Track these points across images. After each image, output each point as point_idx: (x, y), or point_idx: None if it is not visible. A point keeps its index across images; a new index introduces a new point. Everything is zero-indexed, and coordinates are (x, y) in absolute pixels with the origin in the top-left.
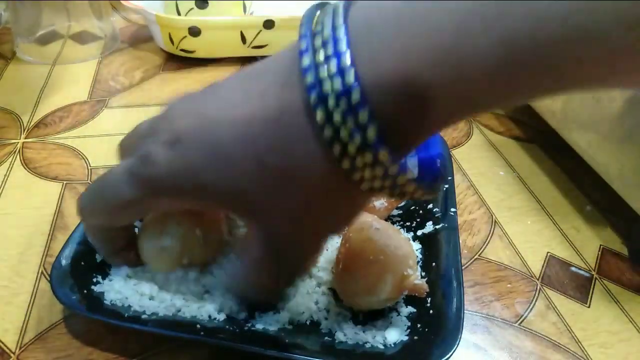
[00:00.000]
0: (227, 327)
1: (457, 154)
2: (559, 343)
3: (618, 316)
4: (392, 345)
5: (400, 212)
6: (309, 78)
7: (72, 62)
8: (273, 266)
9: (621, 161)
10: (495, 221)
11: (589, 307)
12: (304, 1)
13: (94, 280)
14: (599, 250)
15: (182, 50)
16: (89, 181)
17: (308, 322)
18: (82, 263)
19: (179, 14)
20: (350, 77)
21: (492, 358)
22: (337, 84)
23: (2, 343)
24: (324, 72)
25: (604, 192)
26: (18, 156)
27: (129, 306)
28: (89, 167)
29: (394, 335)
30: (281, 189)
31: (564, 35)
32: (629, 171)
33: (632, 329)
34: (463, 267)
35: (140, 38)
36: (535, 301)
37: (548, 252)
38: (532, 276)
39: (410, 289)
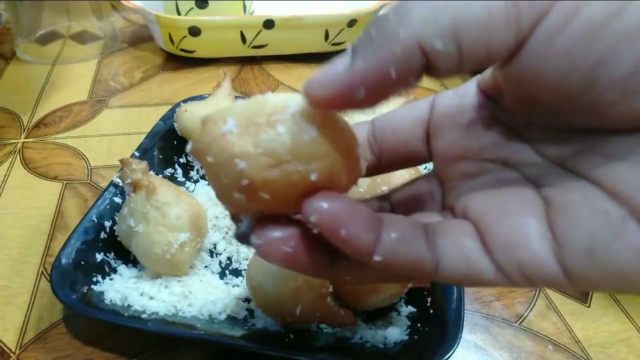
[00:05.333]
0: (227, 327)
1: None
2: (559, 343)
3: (618, 316)
4: (393, 345)
5: None
6: None
7: (72, 62)
8: None
9: None
10: None
11: (589, 307)
12: (304, 1)
13: (94, 279)
14: None
15: (182, 50)
16: (89, 181)
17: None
18: (82, 263)
19: (179, 13)
20: None
21: (492, 358)
22: None
23: (2, 343)
24: None
25: None
26: (18, 156)
27: (129, 306)
28: (89, 167)
29: (394, 334)
30: None
31: None
32: None
33: (632, 329)
34: None
35: (140, 38)
36: (536, 301)
37: None
38: None
39: (415, 281)
